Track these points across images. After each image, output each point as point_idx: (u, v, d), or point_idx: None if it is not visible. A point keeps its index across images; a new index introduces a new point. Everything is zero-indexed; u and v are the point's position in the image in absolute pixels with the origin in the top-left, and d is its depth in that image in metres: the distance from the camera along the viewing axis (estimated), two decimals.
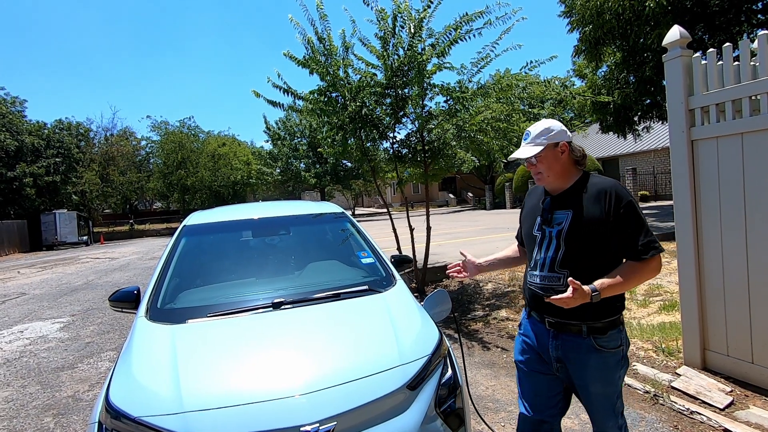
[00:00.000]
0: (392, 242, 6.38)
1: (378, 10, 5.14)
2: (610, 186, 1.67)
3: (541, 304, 1.73)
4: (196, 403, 1.55)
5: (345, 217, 3.21)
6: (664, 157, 21.89)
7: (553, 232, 1.72)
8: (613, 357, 1.68)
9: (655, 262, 1.64)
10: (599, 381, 1.70)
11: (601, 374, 1.69)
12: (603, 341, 1.67)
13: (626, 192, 1.66)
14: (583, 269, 1.63)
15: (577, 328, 1.67)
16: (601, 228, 1.63)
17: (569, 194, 1.74)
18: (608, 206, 1.63)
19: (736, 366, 2.97)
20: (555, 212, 1.74)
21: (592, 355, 1.67)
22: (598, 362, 1.67)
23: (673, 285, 5.42)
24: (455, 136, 5.69)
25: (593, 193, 1.68)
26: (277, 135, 30.48)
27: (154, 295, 2.30)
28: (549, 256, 1.72)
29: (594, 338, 1.66)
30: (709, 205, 3.04)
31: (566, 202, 1.73)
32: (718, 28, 9.63)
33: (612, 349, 1.68)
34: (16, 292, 9.69)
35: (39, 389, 4.00)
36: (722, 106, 2.93)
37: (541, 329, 1.78)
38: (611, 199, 1.64)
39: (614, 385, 1.72)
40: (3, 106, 25.73)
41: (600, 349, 1.66)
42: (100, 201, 33.58)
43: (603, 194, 1.66)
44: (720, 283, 3.02)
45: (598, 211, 1.64)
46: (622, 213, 1.62)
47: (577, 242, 1.66)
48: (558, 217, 1.73)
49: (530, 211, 1.87)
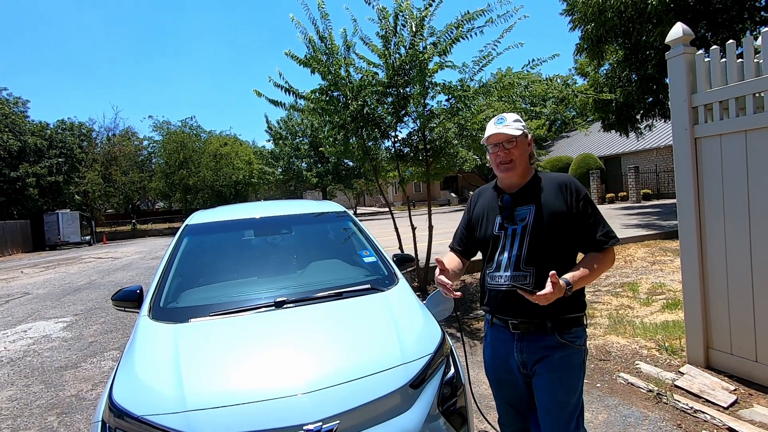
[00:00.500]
0: (394, 241, 6.38)
1: (379, 9, 5.13)
2: (569, 180, 1.70)
3: (504, 307, 1.67)
4: (199, 401, 1.55)
5: (347, 216, 3.21)
6: (667, 156, 21.80)
7: (517, 228, 1.68)
8: (577, 355, 1.66)
9: (613, 253, 1.68)
10: (562, 386, 1.63)
11: (565, 375, 1.63)
12: (568, 336, 1.64)
13: (581, 186, 1.70)
14: (548, 265, 1.59)
15: (541, 325, 1.64)
16: (566, 220, 1.63)
17: (528, 189, 1.72)
18: (570, 198, 1.65)
19: (740, 364, 2.96)
20: (516, 209, 1.69)
21: (556, 352, 1.63)
22: (563, 360, 1.63)
23: (676, 283, 5.40)
24: (457, 135, 5.68)
25: (553, 187, 1.68)
26: (279, 134, 30.49)
27: (157, 294, 2.30)
28: (514, 254, 1.66)
29: (558, 334, 1.64)
30: (713, 203, 3.03)
31: (527, 198, 1.69)
32: (721, 25, 9.58)
33: (576, 345, 1.65)
34: (19, 292, 9.73)
35: (42, 388, 4.01)
36: (726, 103, 2.92)
37: (506, 335, 1.72)
38: (572, 192, 1.66)
39: (576, 393, 1.65)
40: (6, 107, 25.82)
41: (564, 344, 1.63)
42: (102, 201, 33.68)
43: (563, 187, 1.67)
44: (723, 282, 3.01)
45: (561, 204, 1.65)
46: (582, 205, 1.64)
47: (542, 237, 1.63)
48: (520, 213, 1.68)
49: (484, 211, 1.79)
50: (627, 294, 5.26)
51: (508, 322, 1.70)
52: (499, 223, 1.72)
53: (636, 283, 5.61)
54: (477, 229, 1.82)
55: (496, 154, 1.70)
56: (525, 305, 1.59)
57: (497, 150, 1.70)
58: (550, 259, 1.63)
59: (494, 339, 1.79)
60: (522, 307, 1.60)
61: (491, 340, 1.81)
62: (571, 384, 1.65)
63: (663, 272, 6.12)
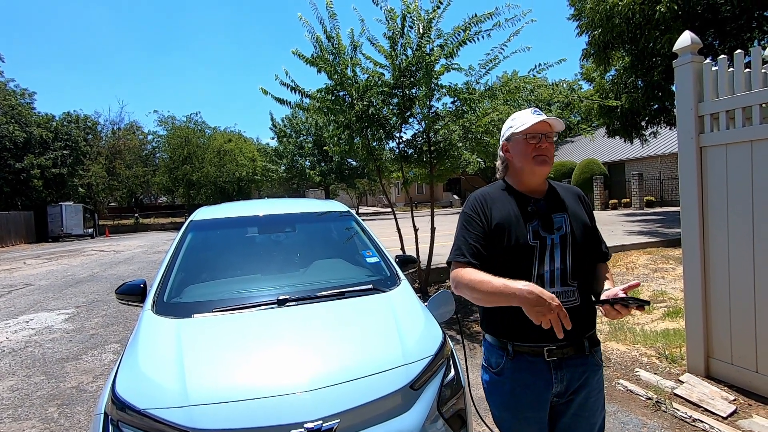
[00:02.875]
0: (395, 242, 6.39)
1: (387, 10, 5.15)
2: (576, 189, 1.63)
3: (542, 331, 1.26)
4: (200, 396, 1.56)
5: (350, 216, 3.22)
6: (671, 163, 21.74)
7: (556, 238, 1.46)
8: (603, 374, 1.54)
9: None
10: (601, 409, 1.50)
11: (601, 398, 1.51)
12: (599, 355, 1.52)
13: None
14: (587, 278, 1.50)
15: (580, 346, 1.45)
16: (590, 231, 1.54)
17: (553, 195, 1.54)
18: (588, 209, 1.58)
19: (740, 375, 2.96)
20: (553, 215, 1.49)
21: (595, 375, 1.48)
22: (599, 383, 1.50)
23: (677, 292, 5.39)
24: (461, 137, 5.69)
25: (572, 196, 1.57)
26: (283, 132, 30.55)
27: (161, 289, 2.32)
28: (558, 267, 1.44)
29: (594, 352, 1.48)
30: (717, 213, 3.02)
31: (557, 204, 1.52)
32: (729, 34, 9.56)
33: (602, 363, 1.53)
34: (22, 283, 9.77)
35: (44, 379, 4.04)
36: (732, 113, 2.92)
37: (539, 366, 1.43)
38: (587, 203, 1.60)
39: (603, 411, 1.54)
40: (12, 98, 25.92)
41: (599, 364, 1.50)
42: (106, 194, 33.77)
43: (580, 198, 1.59)
44: (726, 291, 3.00)
45: (583, 214, 1.55)
46: (593, 217, 1.59)
47: (579, 248, 1.48)
48: (557, 220, 1.49)
49: (510, 218, 1.48)
50: None
51: (543, 349, 1.41)
52: (534, 231, 1.46)
53: (637, 291, 5.60)
54: (503, 239, 1.46)
55: (536, 146, 1.47)
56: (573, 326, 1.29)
57: (537, 141, 1.48)
58: (588, 271, 1.51)
59: (519, 372, 1.45)
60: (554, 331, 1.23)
61: (512, 374, 1.46)
62: (603, 405, 1.53)
63: (665, 280, 6.11)
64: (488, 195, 1.56)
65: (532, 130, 1.47)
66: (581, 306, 1.43)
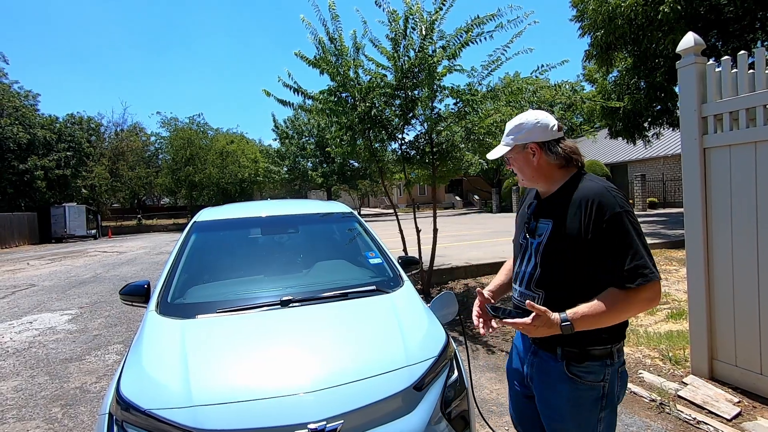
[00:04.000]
0: (398, 243, 6.39)
1: (390, 12, 5.16)
2: (594, 194, 1.36)
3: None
4: (204, 397, 1.57)
5: (353, 217, 3.22)
6: (674, 164, 21.69)
7: (534, 244, 1.48)
8: (590, 392, 1.41)
9: (647, 293, 1.31)
10: (571, 419, 1.43)
11: (574, 410, 1.42)
12: (577, 370, 1.40)
13: (615, 202, 1.34)
14: (560, 292, 1.40)
15: (552, 349, 1.43)
16: (579, 246, 1.35)
17: (555, 199, 1.47)
18: (587, 219, 1.34)
19: (744, 376, 2.95)
20: (540, 221, 1.49)
21: (564, 385, 1.42)
22: (571, 394, 1.41)
23: (681, 293, 5.37)
24: (464, 138, 5.69)
25: (576, 202, 1.39)
26: (285, 134, 30.63)
27: (165, 289, 2.33)
28: (527, 271, 1.49)
29: (567, 365, 1.40)
30: (720, 214, 3.02)
31: (550, 210, 1.47)
32: (732, 35, 9.54)
33: (589, 382, 1.39)
34: (25, 284, 9.82)
35: (47, 380, 4.05)
36: (736, 114, 2.91)
37: (527, 343, 1.56)
38: (591, 212, 1.34)
39: (591, 428, 1.43)
40: (16, 100, 26.07)
41: (573, 378, 1.40)
42: (108, 195, 33.90)
43: (584, 204, 1.37)
44: (729, 293, 2.99)
45: (576, 225, 1.37)
46: (604, 228, 1.32)
47: (553, 259, 1.41)
48: (540, 228, 1.48)
49: (521, 216, 1.62)
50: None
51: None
52: (525, 231, 1.54)
53: None
54: (517, 234, 1.63)
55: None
56: None
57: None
58: (565, 285, 1.40)
59: (518, 341, 1.66)
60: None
61: (517, 341, 1.68)
62: (585, 420, 1.42)
63: (668, 281, 6.09)
64: (529, 190, 1.66)
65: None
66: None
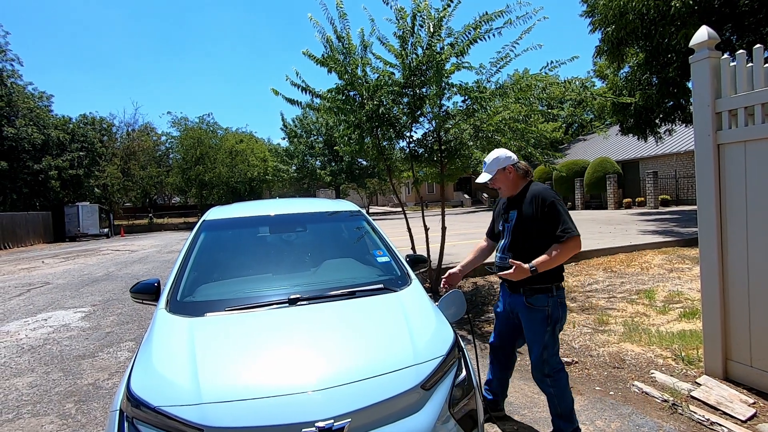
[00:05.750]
0: (406, 241, 6.38)
1: (397, 9, 5.13)
2: (539, 192, 2.39)
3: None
4: (213, 395, 1.58)
5: (361, 216, 3.22)
6: (687, 161, 21.32)
7: (508, 225, 2.48)
8: (538, 313, 2.39)
9: (571, 242, 2.28)
10: (529, 330, 2.46)
11: (530, 325, 2.44)
12: (531, 300, 2.40)
13: (550, 195, 2.34)
14: (522, 252, 2.38)
15: (516, 289, 2.44)
16: (534, 222, 2.36)
17: (516, 199, 2.49)
18: (537, 207, 2.35)
19: (760, 377, 2.89)
20: (509, 212, 2.50)
21: (525, 310, 2.43)
22: (529, 315, 2.43)
23: (694, 292, 5.28)
24: (472, 136, 5.65)
25: (529, 198, 2.41)
26: (294, 133, 30.75)
27: (174, 288, 2.35)
28: (506, 242, 2.49)
29: (525, 298, 2.41)
30: (735, 211, 2.96)
31: (515, 205, 2.49)
32: (747, 28, 9.32)
33: (537, 306, 2.39)
34: (40, 281, 10.01)
35: (61, 376, 4.12)
36: (751, 109, 2.85)
37: (506, 291, 2.57)
38: (539, 202, 2.36)
39: (540, 336, 2.40)
40: (31, 101, 26.54)
41: (529, 306, 2.41)
42: (120, 194, 34.41)
43: (534, 198, 2.38)
44: (744, 292, 2.93)
45: (531, 211, 2.37)
46: (546, 211, 2.32)
47: (518, 232, 2.43)
48: (510, 215, 2.49)
49: (497, 212, 2.68)
50: (643, 301, 5.16)
51: (503, 282, 2.56)
52: (502, 220, 2.57)
53: (653, 291, 5.50)
54: (495, 224, 2.69)
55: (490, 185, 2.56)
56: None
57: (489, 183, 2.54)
58: (524, 249, 2.39)
59: (503, 292, 2.64)
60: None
61: (502, 291, 2.64)
62: (535, 330, 2.42)
63: (681, 280, 6.00)
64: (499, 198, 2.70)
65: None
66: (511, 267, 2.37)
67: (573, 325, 4.56)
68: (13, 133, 23.97)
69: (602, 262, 7.59)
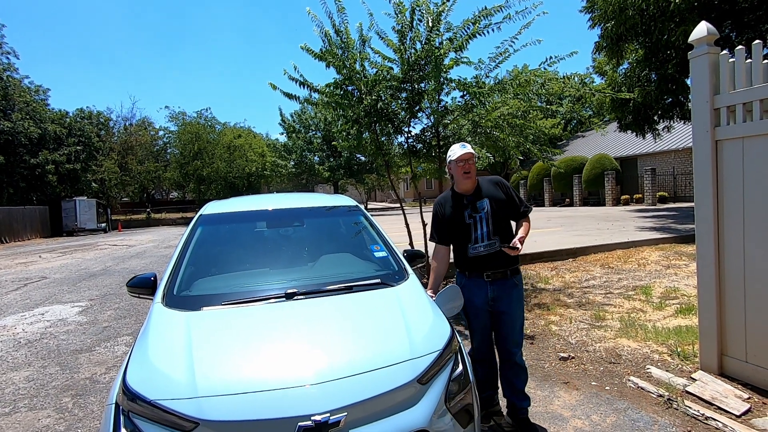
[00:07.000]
0: (404, 237, 6.38)
1: (396, 3, 5.10)
2: (497, 179, 2.68)
3: (483, 266, 2.55)
4: (209, 388, 1.58)
5: (359, 211, 3.21)
6: (685, 158, 21.36)
7: (482, 215, 2.56)
8: (521, 290, 2.65)
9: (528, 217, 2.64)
10: (518, 307, 2.62)
11: (517, 303, 2.60)
12: (517, 278, 2.63)
13: (502, 179, 2.68)
14: (504, 233, 2.58)
15: (504, 274, 2.56)
16: (506, 204, 2.59)
17: (479, 190, 2.62)
18: (504, 189, 2.62)
19: (755, 373, 2.91)
20: (476, 203, 2.59)
21: (514, 290, 2.59)
22: (518, 294, 2.62)
23: (690, 288, 5.31)
24: (471, 131, 5.63)
25: (492, 185, 2.64)
26: (292, 128, 30.62)
27: (171, 282, 2.34)
28: (484, 230, 2.55)
29: (514, 277, 2.59)
30: (732, 207, 2.96)
31: (480, 195, 2.61)
32: (747, 25, 9.31)
33: (520, 284, 2.64)
34: (37, 276, 9.98)
35: (58, 370, 4.12)
36: (749, 105, 2.84)
37: (480, 283, 2.57)
38: (502, 185, 2.64)
39: (522, 311, 2.67)
40: (27, 95, 26.35)
41: (517, 285, 2.62)
42: (118, 189, 34.27)
43: (498, 184, 2.65)
44: (740, 288, 2.94)
45: (501, 194, 2.60)
46: (510, 192, 2.63)
47: (497, 216, 2.56)
48: (480, 205, 2.58)
49: (452, 213, 2.64)
50: (639, 297, 5.18)
51: (483, 274, 2.55)
52: (468, 214, 2.59)
53: (649, 287, 5.53)
54: (450, 226, 2.65)
55: (463, 167, 2.54)
56: (497, 262, 2.53)
57: (463, 165, 2.54)
58: (505, 229, 2.59)
59: (470, 285, 2.60)
60: (495, 264, 2.54)
61: (467, 285, 2.60)
62: (521, 307, 2.65)
63: (677, 276, 6.02)
64: (442, 202, 2.72)
65: (461, 158, 2.54)
66: (500, 251, 2.51)
67: (570, 320, 4.58)
68: (10, 127, 23.82)
69: (599, 258, 7.62)
